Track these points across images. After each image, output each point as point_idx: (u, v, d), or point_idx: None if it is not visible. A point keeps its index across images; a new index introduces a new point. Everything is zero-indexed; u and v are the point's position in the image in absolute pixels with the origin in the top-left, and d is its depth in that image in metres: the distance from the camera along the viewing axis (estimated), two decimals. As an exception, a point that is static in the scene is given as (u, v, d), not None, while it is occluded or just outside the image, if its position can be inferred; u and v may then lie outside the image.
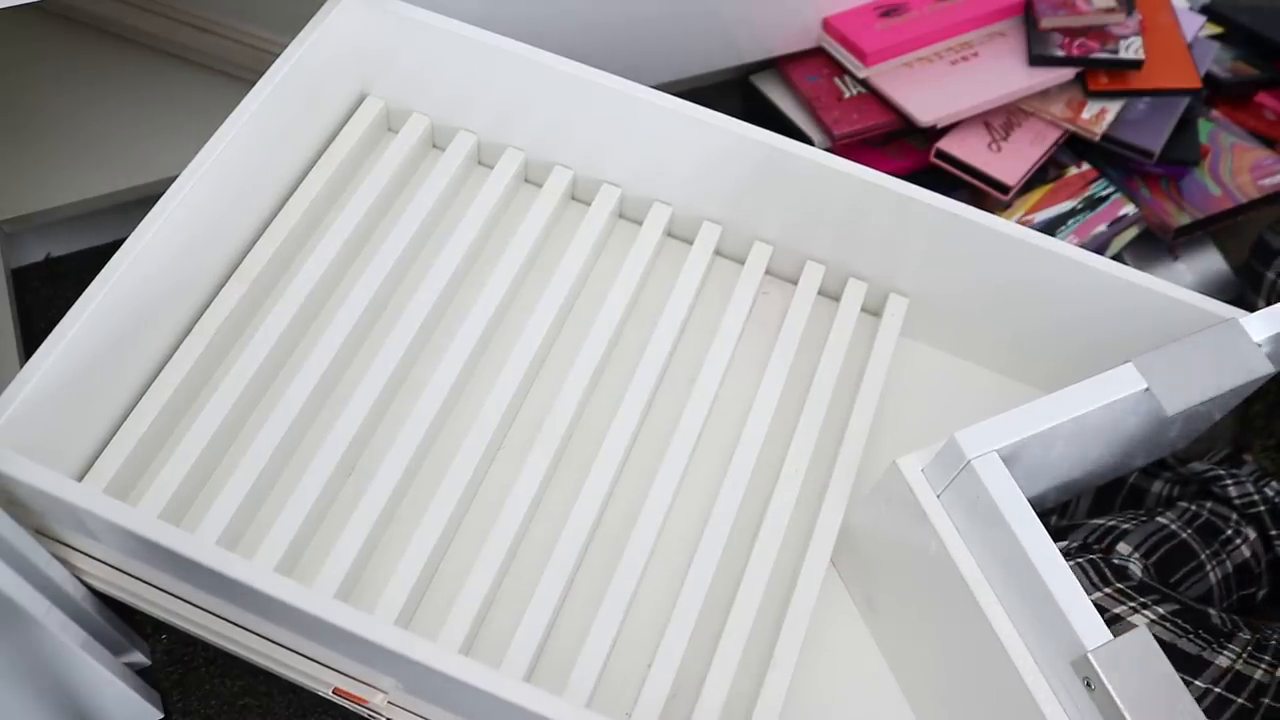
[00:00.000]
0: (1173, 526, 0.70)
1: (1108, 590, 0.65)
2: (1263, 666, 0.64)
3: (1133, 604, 0.65)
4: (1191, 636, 0.63)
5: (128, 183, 0.94)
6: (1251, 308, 0.66)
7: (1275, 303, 0.65)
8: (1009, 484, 0.56)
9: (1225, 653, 0.63)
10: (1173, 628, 0.63)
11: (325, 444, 0.66)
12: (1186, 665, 0.62)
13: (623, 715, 0.63)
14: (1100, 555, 0.69)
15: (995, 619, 0.57)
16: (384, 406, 0.71)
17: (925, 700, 0.66)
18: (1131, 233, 0.93)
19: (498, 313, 0.74)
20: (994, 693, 0.59)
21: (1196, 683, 0.62)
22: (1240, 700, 0.63)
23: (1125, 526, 0.71)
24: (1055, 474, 0.67)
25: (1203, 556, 0.69)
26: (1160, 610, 0.64)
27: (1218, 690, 0.64)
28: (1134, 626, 0.63)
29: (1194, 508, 0.72)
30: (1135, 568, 0.68)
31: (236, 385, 0.67)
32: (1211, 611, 0.65)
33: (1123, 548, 0.69)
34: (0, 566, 0.56)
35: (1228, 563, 0.70)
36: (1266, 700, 0.64)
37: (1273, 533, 0.71)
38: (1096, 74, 0.95)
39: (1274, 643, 0.64)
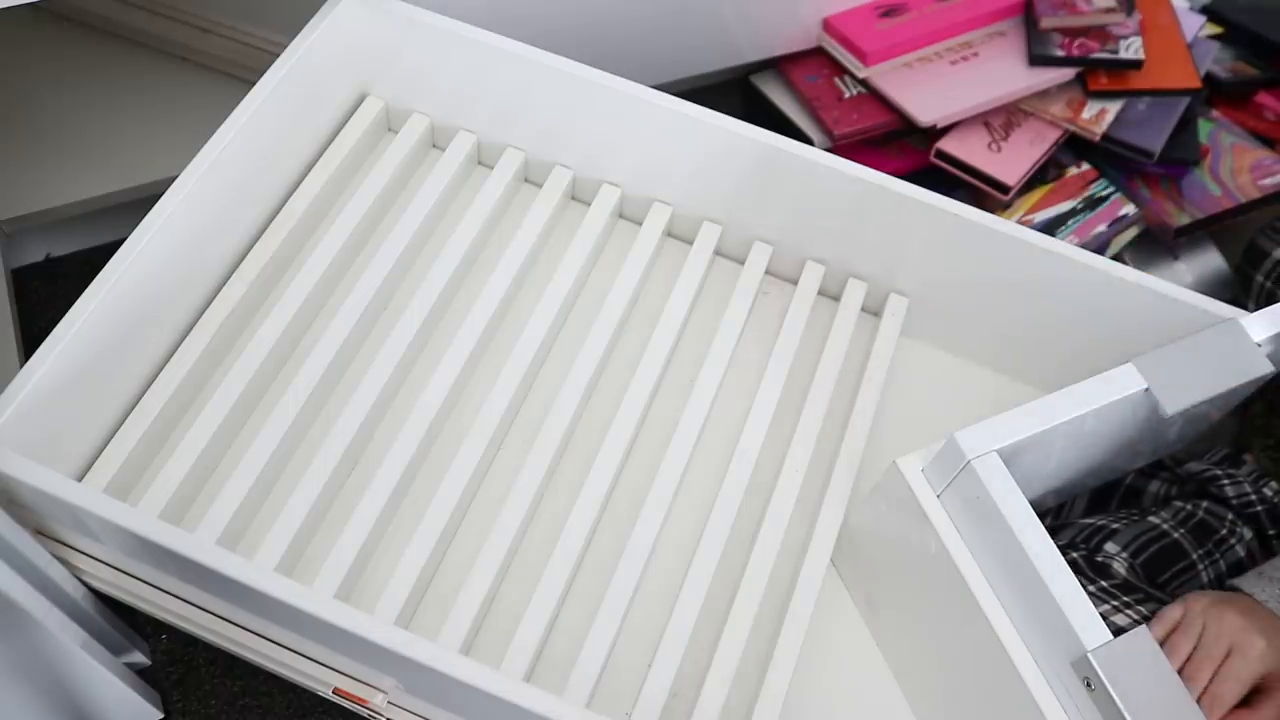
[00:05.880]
0: (1164, 526, 0.70)
1: (1090, 589, 0.65)
2: None
3: (1115, 603, 0.65)
4: None
5: (128, 183, 0.94)
6: (1247, 310, 0.67)
7: (1265, 305, 0.65)
8: (1009, 484, 0.56)
9: None
10: None
11: (326, 443, 0.66)
12: None
13: (623, 715, 0.63)
14: (1084, 554, 0.69)
15: (995, 619, 0.57)
16: (384, 406, 0.71)
17: (925, 700, 0.66)
18: (1131, 233, 0.93)
19: (498, 312, 0.74)
20: (994, 693, 0.59)
21: None
22: None
23: (1115, 526, 0.71)
24: (1055, 474, 0.68)
25: (1194, 556, 0.69)
26: (1143, 610, 0.64)
27: None
28: (1116, 626, 0.63)
29: (1189, 507, 0.72)
30: (1119, 566, 0.68)
31: (237, 385, 0.67)
32: None
33: (1110, 547, 0.69)
34: (0, 566, 0.56)
35: (1221, 562, 0.70)
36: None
37: (1270, 533, 0.71)
38: (1096, 74, 0.95)
39: None
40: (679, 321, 0.75)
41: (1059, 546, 0.58)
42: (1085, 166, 0.95)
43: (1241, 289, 0.84)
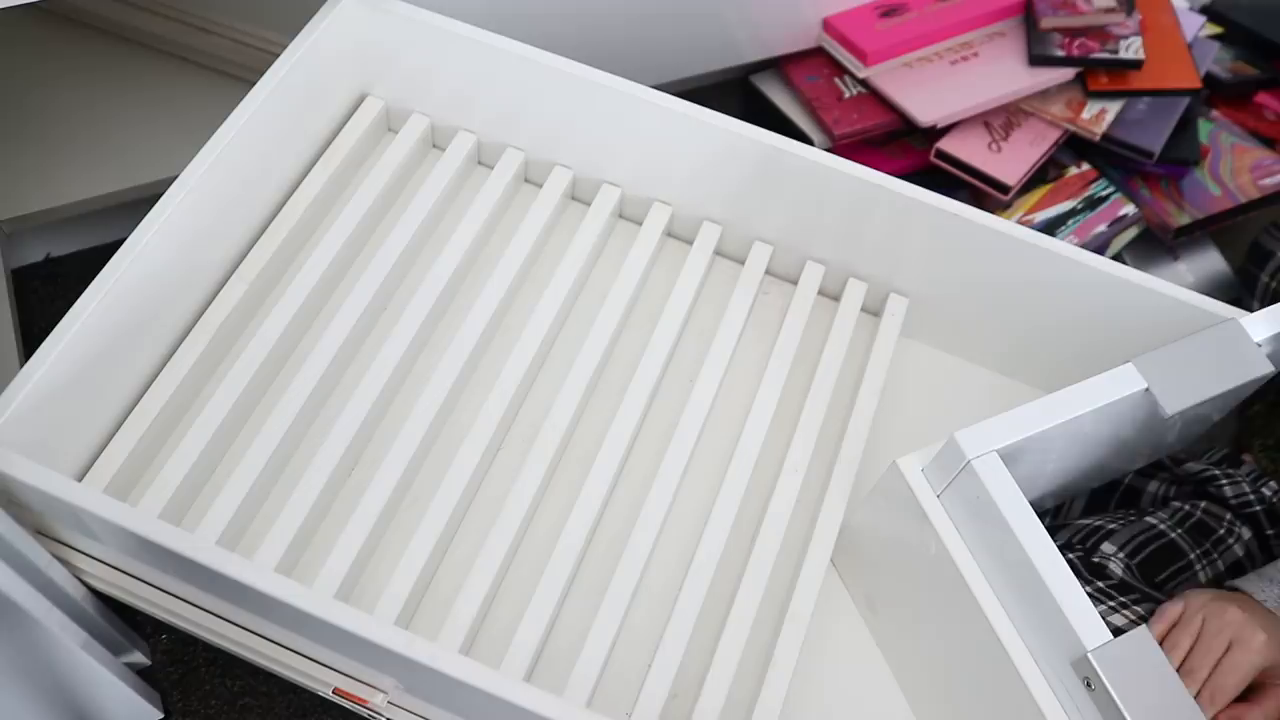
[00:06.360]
0: (1161, 526, 0.70)
1: (1087, 589, 0.65)
2: None
3: (1111, 603, 0.65)
4: None
5: (128, 183, 0.94)
6: (1250, 309, 0.67)
7: (1269, 304, 0.65)
8: (1009, 484, 0.56)
9: None
10: None
11: (326, 443, 0.66)
12: None
13: (623, 715, 0.63)
14: (1080, 554, 0.69)
15: (995, 619, 0.57)
16: (384, 406, 0.71)
17: (925, 700, 0.66)
18: (1131, 233, 0.93)
19: (498, 312, 0.74)
20: (994, 692, 0.59)
21: None
22: None
23: (1111, 526, 0.71)
24: (1055, 474, 0.68)
25: (1192, 556, 0.69)
26: (1139, 610, 0.64)
27: None
28: (1113, 626, 0.63)
29: (1186, 508, 0.72)
30: (1115, 566, 0.68)
31: (237, 385, 0.67)
32: None
33: (1106, 547, 0.69)
34: (0, 566, 0.56)
35: (1219, 562, 0.70)
36: None
37: (1269, 532, 0.71)
38: (1096, 74, 0.95)
39: None
40: (679, 321, 0.75)
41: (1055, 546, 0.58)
42: (1085, 166, 0.95)
43: (1245, 288, 0.84)
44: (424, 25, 0.74)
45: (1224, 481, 0.72)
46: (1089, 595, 0.64)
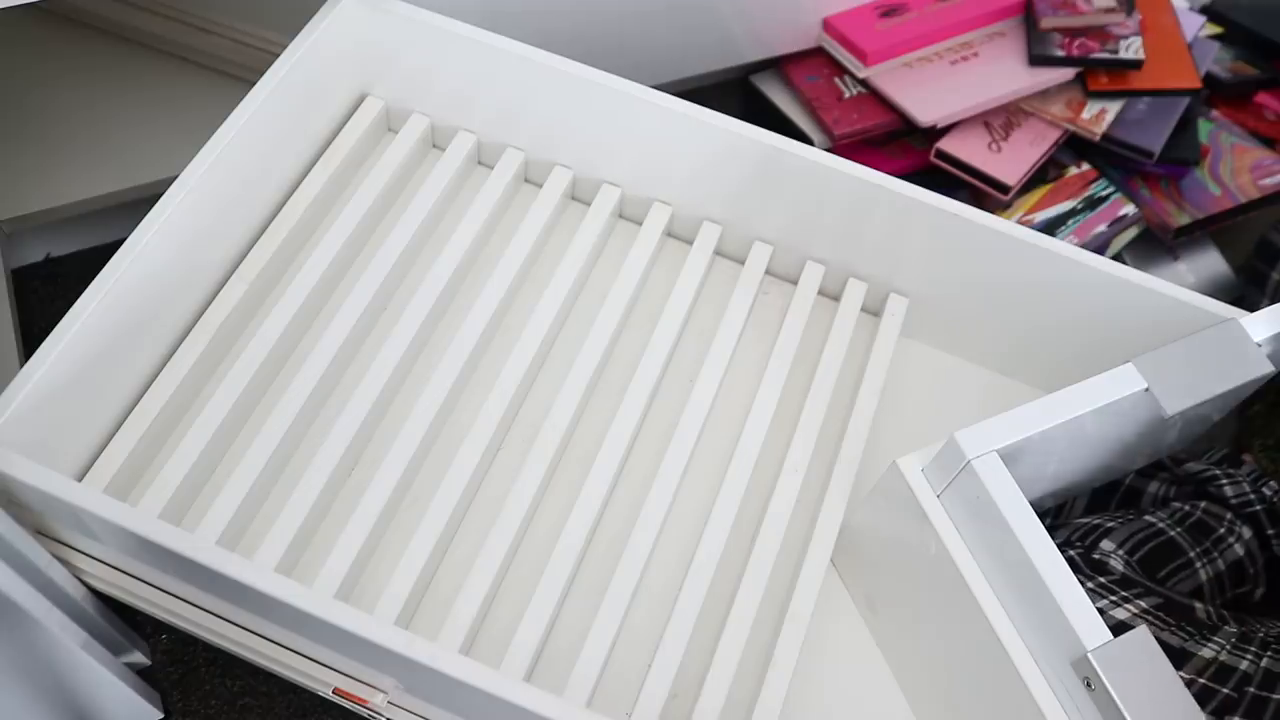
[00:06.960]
0: (1161, 525, 0.70)
1: (1088, 586, 0.65)
2: (1248, 658, 0.65)
3: (1114, 598, 0.65)
4: (1174, 629, 0.63)
5: (128, 183, 0.94)
6: (1253, 307, 0.67)
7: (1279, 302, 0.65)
8: (1009, 484, 0.56)
9: (1209, 645, 0.63)
10: (1155, 621, 0.63)
11: (326, 443, 0.66)
12: (1170, 657, 0.62)
13: (623, 715, 0.63)
14: (1080, 551, 0.69)
15: (995, 619, 0.57)
16: (384, 406, 0.71)
17: (925, 700, 0.66)
18: (1131, 233, 0.93)
19: (498, 312, 0.74)
20: (994, 693, 0.59)
21: (1181, 674, 0.62)
22: (1226, 690, 0.64)
23: (1110, 525, 0.71)
24: (1055, 474, 0.68)
25: (1192, 554, 0.69)
26: (1142, 604, 0.64)
27: (1202, 681, 0.64)
28: (1115, 620, 0.63)
29: (1186, 508, 0.72)
30: (1116, 563, 0.68)
31: (236, 385, 0.67)
32: (1197, 605, 0.65)
33: (1106, 544, 0.69)
34: (0, 566, 0.56)
35: (1219, 561, 0.70)
36: (1251, 689, 0.64)
37: (1269, 532, 0.71)
38: (1096, 74, 0.95)
39: (1260, 635, 0.64)
40: (679, 321, 0.75)
41: (1056, 545, 0.58)
42: (1085, 166, 0.95)
43: (1253, 285, 0.84)
44: (424, 25, 0.74)
45: (1224, 481, 0.72)
46: (1091, 591, 0.65)
